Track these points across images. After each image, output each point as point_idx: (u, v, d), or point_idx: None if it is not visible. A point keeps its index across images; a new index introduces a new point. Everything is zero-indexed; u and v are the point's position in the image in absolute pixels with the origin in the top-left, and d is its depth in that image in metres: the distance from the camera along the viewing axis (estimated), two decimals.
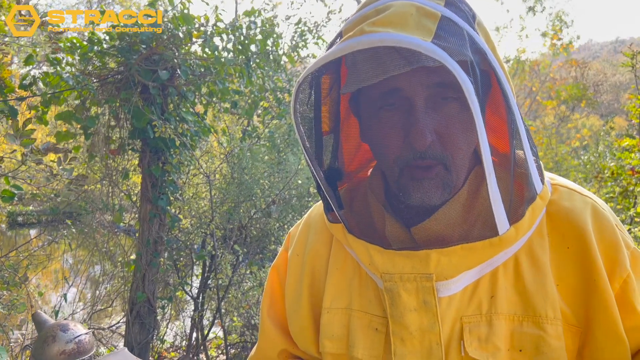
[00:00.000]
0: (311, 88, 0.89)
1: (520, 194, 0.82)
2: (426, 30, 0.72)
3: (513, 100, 0.78)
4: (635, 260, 0.84)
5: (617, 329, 0.79)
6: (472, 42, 0.75)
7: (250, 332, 4.85)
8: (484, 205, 0.81)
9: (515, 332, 0.81)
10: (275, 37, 4.49)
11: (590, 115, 20.81)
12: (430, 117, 0.79)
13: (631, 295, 0.81)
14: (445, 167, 0.81)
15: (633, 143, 4.62)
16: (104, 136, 4.24)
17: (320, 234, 1.04)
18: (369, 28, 0.74)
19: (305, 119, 0.90)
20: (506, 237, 0.79)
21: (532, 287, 0.82)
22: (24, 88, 3.57)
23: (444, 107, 0.80)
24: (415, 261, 0.81)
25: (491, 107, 0.85)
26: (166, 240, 4.42)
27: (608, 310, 0.79)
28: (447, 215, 0.83)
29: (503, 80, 0.77)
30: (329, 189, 0.92)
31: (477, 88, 0.71)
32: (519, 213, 0.81)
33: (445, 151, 0.80)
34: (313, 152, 0.91)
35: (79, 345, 1.38)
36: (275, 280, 1.12)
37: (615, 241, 0.83)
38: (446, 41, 0.71)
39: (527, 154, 0.80)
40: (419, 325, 0.82)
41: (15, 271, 3.63)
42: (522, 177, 0.82)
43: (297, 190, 5.02)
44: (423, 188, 0.81)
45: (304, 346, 1.04)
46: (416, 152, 0.79)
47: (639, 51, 4.66)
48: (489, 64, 0.76)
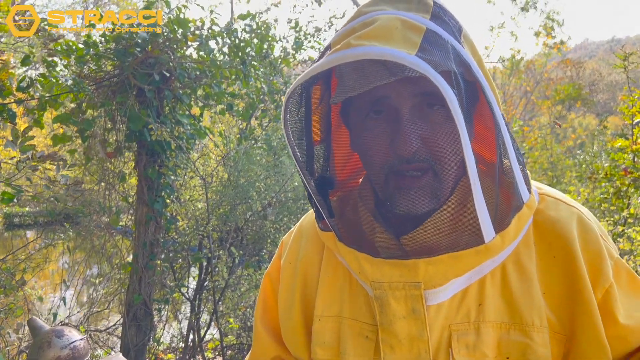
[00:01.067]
0: (301, 99, 0.90)
1: (506, 203, 0.84)
2: (411, 43, 0.74)
3: (498, 111, 0.79)
4: (619, 270, 0.86)
5: (600, 337, 0.81)
6: (456, 55, 0.77)
7: (247, 334, 4.86)
8: (470, 214, 0.83)
9: (502, 340, 0.83)
10: (270, 40, 4.51)
11: (587, 115, 20.85)
12: (416, 124, 0.81)
13: (613, 305, 0.83)
14: (434, 172, 0.83)
15: (626, 144, 4.64)
16: (100, 139, 4.25)
17: (312, 242, 1.06)
18: (355, 42, 0.76)
19: (295, 129, 0.91)
20: (492, 245, 0.80)
21: (519, 295, 0.84)
22: (22, 90, 3.58)
23: (430, 114, 0.82)
24: (403, 270, 0.83)
25: (477, 117, 0.87)
26: (162, 243, 4.44)
27: (592, 318, 0.81)
28: (436, 225, 0.85)
29: (488, 91, 0.79)
30: (320, 198, 0.93)
31: (461, 99, 0.73)
32: (505, 222, 0.82)
33: (432, 155, 0.82)
34: (304, 162, 0.93)
35: (74, 351, 1.39)
36: (268, 288, 1.13)
37: (599, 251, 0.84)
38: (430, 54, 0.73)
39: (513, 163, 0.82)
40: (408, 332, 0.84)
41: (12, 275, 3.64)
42: (508, 186, 0.83)
43: (293, 192, 5.03)
44: (409, 197, 0.83)
45: (296, 353, 1.05)
46: (402, 158, 0.81)
47: (631, 52, 4.69)
48: (474, 75, 0.78)
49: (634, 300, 0.86)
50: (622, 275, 0.87)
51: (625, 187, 4.51)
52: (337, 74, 0.88)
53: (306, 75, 0.80)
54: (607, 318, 0.83)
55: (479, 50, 0.88)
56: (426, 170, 0.82)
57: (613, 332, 0.83)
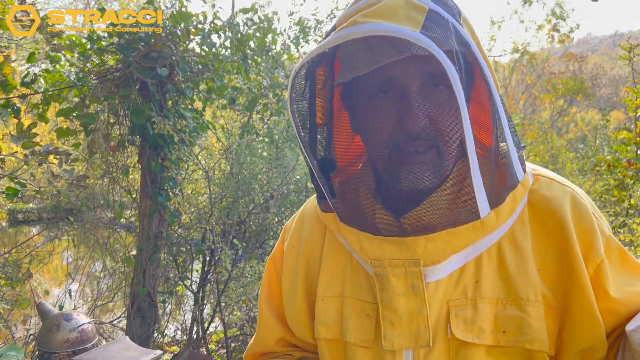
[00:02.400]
0: (307, 78, 0.93)
1: (501, 181, 0.86)
2: (415, 21, 0.77)
3: (496, 92, 0.82)
4: (610, 247, 0.89)
5: (593, 311, 0.83)
6: (457, 35, 0.80)
7: (250, 325, 4.89)
8: (467, 191, 0.85)
9: (499, 315, 0.85)
10: (273, 34, 4.52)
11: (589, 109, 20.78)
12: (423, 103, 0.83)
13: (604, 279, 0.85)
14: (438, 150, 0.85)
15: (630, 136, 4.65)
16: (103, 133, 4.28)
17: (314, 226, 1.08)
18: (362, 19, 0.79)
19: (300, 109, 0.94)
20: (487, 220, 0.83)
21: (514, 272, 0.86)
22: (26, 85, 3.61)
23: (435, 94, 0.84)
24: (403, 247, 0.85)
25: (476, 97, 0.89)
26: (166, 236, 4.47)
27: (585, 293, 0.84)
28: (434, 204, 0.87)
29: (487, 73, 0.81)
30: (322, 177, 0.96)
31: (462, 77, 0.76)
32: (500, 198, 0.85)
33: (437, 133, 0.84)
34: (307, 141, 0.95)
35: (82, 334, 1.42)
36: (272, 272, 1.16)
37: (591, 228, 0.87)
38: (433, 32, 0.76)
39: (509, 143, 0.85)
40: (408, 309, 0.86)
41: (19, 267, 3.67)
42: (504, 165, 0.86)
43: (295, 185, 5.05)
44: (413, 172, 0.85)
45: (299, 333, 1.08)
46: (409, 135, 0.83)
47: (636, 44, 4.69)
48: (474, 55, 0.81)
49: (623, 275, 0.88)
50: (613, 251, 0.89)
51: (627, 179, 4.52)
52: (342, 54, 0.89)
53: (313, 53, 0.83)
54: (598, 292, 0.85)
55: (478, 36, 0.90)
56: (430, 147, 0.85)
57: (604, 306, 0.85)
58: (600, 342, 0.85)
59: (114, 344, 1.70)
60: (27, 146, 3.29)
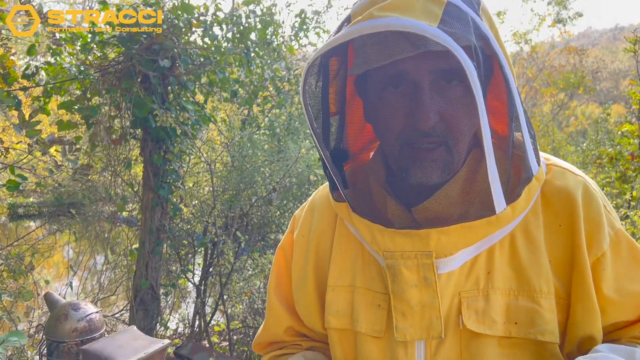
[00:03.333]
0: (320, 70, 0.92)
1: (517, 175, 0.85)
2: (432, 15, 0.75)
3: (514, 85, 0.81)
4: (619, 240, 0.88)
5: (593, 303, 0.84)
6: (476, 28, 0.78)
7: (253, 318, 4.91)
8: (482, 186, 0.84)
9: (511, 306, 0.85)
10: (275, 26, 4.51)
11: (589, 103, 20.76)
12: (434, 100, 0.81)
13: (600, 274, 0.85)
14: (448, 147, 0.84)
15: (632, 129, 4.65)
16: (105, 126, 4.27)
17: (325, 215, 1.08)
18: (378, 12, 0.76)
19: (313, 100, 0.92)
20: (503, 216, 0.82)
21: (527, 263, 0.86)
22: (27, 78, 3.60)
23: (448, 90, 0.83)
24: (415, 239, 0.85)
25: (492, 90, 0.88)
26: (168, 229, 4.47)
27: (586, 284, 0.84)
28: (447, 196, 0.87)
29: (505, 65, 0.80)
30: (335, 168, 0.95)
31: (479, 72, 0.74)
32: (516, 193, 0.84)
33: (448, 130, 0.83)
34: (320, 132, 0.94)
35: (90, 323, 1.42)
36: (281, 261, 1.15)
37: (598, 220, 0.86)
38: (451, 26, 0.74)
39: (525, 136, 0.84)
40: (420, 300, 0.86)
41: (21, 260, 3.68)
42: (520, 159, 0.85)
43: (297, 178, 5.05)
44: (424, 169, 0.84)
45: (310, 323, 1.08)
46: (419, 132, 0.82)
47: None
48: (492, 49, 0.79)
49: (632, 269, 0.88)
50: (622, 245, 0.88)
51: (630, 172, 4.52)
52: (356, 45, 0.88)
53: (328, 46, 0.81)
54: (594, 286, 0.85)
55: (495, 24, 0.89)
56: (440, 144, 0.84)
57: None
58: (598, 332, 0.85)
59: (122, 334, 1.70)
60: (31, 134, 3.27)
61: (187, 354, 4.07)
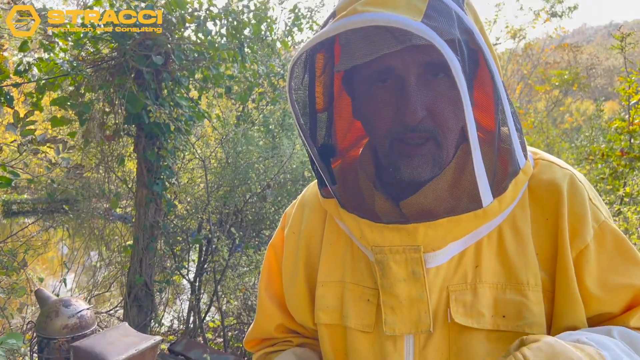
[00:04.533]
0: (306, 66, 0.91)
1: (503, 169, 0.86)
2: (416, 10, 0.75)
3: (499, 79, 0.81)
4: (603, 233, 0.87)
5: (575, 294, 0.84)
6: (460, 22, 0.78)
7: (247, 314, 4.91)
8: (469, 180, 0.84)
9: (498, 299, 0.86)
10: (269, 22, 4.50)
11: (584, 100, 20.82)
12: (421, 94, 0.82)
13: (583, 266, 0.85)
14: (437, 141, 0.84)
15: (623, 125, 4.67)
16: (98, 122, 4.26)
17: (315, 212, 1.08)
18: (362, 7, 0.77)
19: (300, 97, 0.92)
20: (490, 209, 0.83)
21: (514, 256, 0.87)
22: (19, 74, 3.58)
23: (434, 84, 0.83)
24: (403, 234, 0.85)
25: (478, 84, 0.88)
26: (162, 225, 4.47)
27: (568, 276, 0.84)
28: (434, 190, 0.87)
29: (490, 59, 0.80)
30: (323, 164, 0.95)
31: (464, 66, 0.74)
32: (502, 187, 0.84)
33: (436, 126, 0.83)
34: (307, 129, 0.95)
35: (81, 320, 1.42)
36: (272, 258, 1.15)
37: (582, 213, 0.86)
38: (435, 21, 0.74)
39: (512, 130, 0.84)
40: (408, 294, 0.87)
41: (14, 256, 3.67)
42: (506, 152, 0.85)
43: (291, 174, 5.05)
44: (413, 164, 0.84)
45: (300, 319, 1.08)
46: (407, 127, 0.82)
47: (628, 33, 4.69)
48: (477, 43, 0.80)
49: (617, 261, 0.88)
50: (607, 237, 0.88)
51: (621, 168, 4.54)
52: (342, 41, 0.88)
53: (312, 42, 0.81)
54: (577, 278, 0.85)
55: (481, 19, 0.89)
56: (427, 139, 0.84)
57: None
58: (581, 324, 0.85)
59: (113, 330, 1.70)
60: (25, 133, 3.26)
61: (182, 351, 4.07)
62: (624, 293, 0.86)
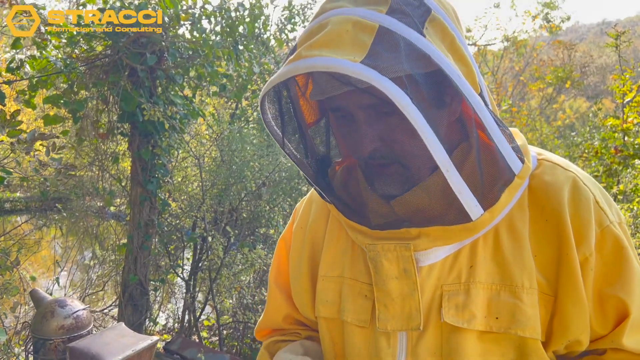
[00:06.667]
0: (277, 100, 0.94)
1: (492, 179, 0.84)
2: (361, 47, 0.74)
3: (471, 93, 0.78)
4: (604, 239, 0.86)
5: (582, 300, 0.83)
6: (411, 49, 0.75)
7: (242, 313, 4.91)
8: (452, 197, 0.83)
9: (492, 301, 0.85)
10: (264, 20, 4.48)
11: (577, 98, 20.94)
12: (371, 127, 0.83)
13: (587, 274, 0.84)
14: (401, 164, 0.85)
15: (617, 123, 4.70)
16: (92, 120, 4.23)
17: (321, 208, 1.11)
18: (305, 52, 0.76)
19: (279, 127, 0.95)
20: (480, 221, 0.82)
21: (510, 257, 0.86)
22: (11, 71, 3.55)
23: (386, 118, 0.83)
24: (397, 234, 0.87)
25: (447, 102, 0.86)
26: (157, 224, 4.45)
27: (576, 282, 0.83)
28: (423, 203, 0.87)
29: (454, 78, 0.76)
30: (317, 180, 0.98)
31: (419, 96, 0.73)
32: (493, 197, 0.83)
33: (394, 153, 0.84)
34: (295, 156, 0.98)
35: (77, 321, 1.41)
36: (282, 251, 1.19)
37: (587, 218, 0.85)
38: (379, 58, 0.72)
39: (497, 138, 0.81)
40: (400, 292, 0.88)
41: (7, 255, 3.64)
42: (494, 162, 0.83)
43: (287, 172, 5.05)
44: (383, 182, 0.87)
45: (303, 310, 1.11)
46: (362, 156, 0.85)
47: (623, 31, 4.72)
48: (436, 64, 0.75)
49: (612, 271, 0.86)
50: (607, 244, 0.85)
51: (615, 166, 4.56)
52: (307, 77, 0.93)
53: (267, 87, 0.83)
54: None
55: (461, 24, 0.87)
56: (391, 162, 0.85)
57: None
58: (586, 334, 0.85)
59: (109, 331, 1.69)
60: (12, 134, 3.23)
61: (177, 350, 4.06)
62: (611, 308, 0.85)
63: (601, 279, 0.85)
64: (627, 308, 0.84)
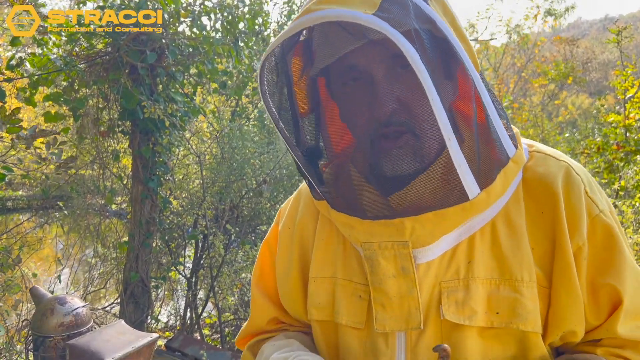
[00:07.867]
0: (277, 69, 0.90)
1: (488, 158, 0.83)
2: (370, 3, 0.74)
3: (471, 67, 0.78)
4: (594, 228, 0.85)
5: (577, 289, 0.83)
6: (418, 12, 0.76)
7: (244, 310, 4.91)
8: (453, 172, 0.81)
9: (492, 296, 0.84)
10: (264, 16, 4.47)
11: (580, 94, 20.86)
12: (388, 87, 0.81)
13: (580, 264, 0.84)
14: (414, 134, 0.83)
15: (618, 119, 4.68)
16: (93, 118, 4.23)
17: (309, 207, 1.07)
18: (314, 6, 0.76)
19: (276, 101, 0.91)
20: (477, 201, 0.81)
21: (508, 251, 0.85)
22: (11, 69, 3.54)
23: (403, 76, 0.82)
24: (391, 229, 0.84)
25: (451, 73, 0.87)
26: (158, 221, 4.45)
27: (570, 272, 0.82)
28: (419, 183, 0.85)
29: (457, 46, 0.77)
30: (309, 168, 0.94)
31: (425, 54, 0.72)
32: (489, 177, 0.82)
33: (409, 117, 0.82)
34: (290, 134, 0.93)
35: (76, 318, 1.41)
36: (266, 255, 1.15)
37: (578, 208, 0.84)
38: (389, 12, 0.73)
39: (493, 118, 0.81)
40: (398, 291, 0.85)
41: (9, 253, 3.65)
42: (490, 141, 0.83)
43: (287, 169, 5.04)
44: (393, 158, 0.84)
45: (295, 313, 1.07)
46: (380, 121, 0.82)
47: (624, 27, 4.70)
48: (440, 31, 0.76)
49: (603, 260, 0.86)
50: (597, 232, 0.85)
51: (617, 162, 4.55)
52: (314, 44, 0.88)
53: (271, 46, 0.81)
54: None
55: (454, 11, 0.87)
56: (402, 132, 0.83)
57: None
58: (581, 325, 0.84)
59: (109, 328, 1.69)
60: (12, 131, 3.23)
61: (179, 347, 4.06)
62: (604, 296, 0.84)
63: (593, 268, 0.84)
64: (620, 295, 0.83)
